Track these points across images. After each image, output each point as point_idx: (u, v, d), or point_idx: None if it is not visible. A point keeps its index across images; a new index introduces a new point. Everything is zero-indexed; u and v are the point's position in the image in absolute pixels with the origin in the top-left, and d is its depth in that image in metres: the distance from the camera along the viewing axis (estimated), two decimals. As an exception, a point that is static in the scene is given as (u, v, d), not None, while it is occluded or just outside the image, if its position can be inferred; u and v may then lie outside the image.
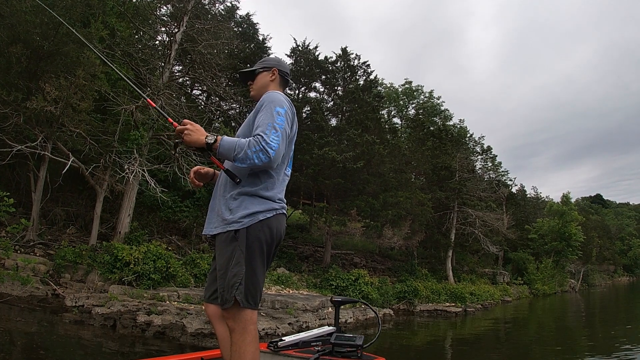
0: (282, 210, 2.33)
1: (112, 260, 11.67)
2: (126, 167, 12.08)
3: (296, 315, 12.17)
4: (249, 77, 2.68)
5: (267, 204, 2.25)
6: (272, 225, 2.24)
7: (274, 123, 2.17)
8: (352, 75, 22.77)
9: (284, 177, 2.43)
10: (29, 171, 13.77)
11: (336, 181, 17.96)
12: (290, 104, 2.38)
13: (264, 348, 2.91)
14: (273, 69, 2.63)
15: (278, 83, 2.65)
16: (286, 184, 2.47)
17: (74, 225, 15.52)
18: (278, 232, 2.29)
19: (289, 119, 2.30)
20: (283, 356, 2.84)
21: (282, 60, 2.79)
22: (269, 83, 2.61)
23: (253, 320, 2.19)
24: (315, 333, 3.24)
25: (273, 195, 2.29)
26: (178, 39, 14.96)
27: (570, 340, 14.65)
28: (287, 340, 2.99)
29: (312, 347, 3.05)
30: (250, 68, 2.70)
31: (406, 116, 39.49)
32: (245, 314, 2.16)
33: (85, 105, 11.36)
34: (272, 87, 2.59)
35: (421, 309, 19.86)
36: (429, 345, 13.22)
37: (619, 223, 79.59)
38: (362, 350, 2.93)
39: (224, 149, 2.15)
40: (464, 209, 26.63)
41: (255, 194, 2.25)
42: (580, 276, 43.80)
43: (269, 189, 2.28)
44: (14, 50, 10.97)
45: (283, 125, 2.21)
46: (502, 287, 29.46)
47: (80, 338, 8.79)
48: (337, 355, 2.90)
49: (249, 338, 2.14)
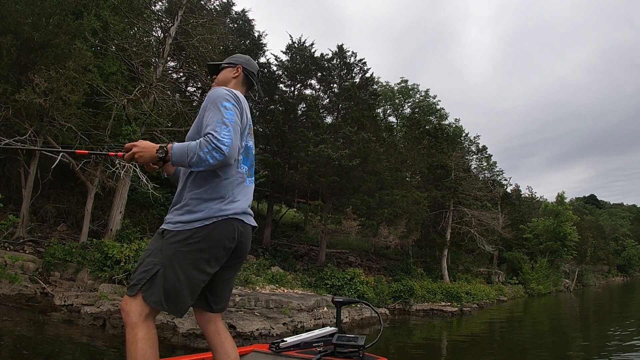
0: (231, 215, 2.14)
1: (103, 258, 11.41)
2: (117, 162, 11.82)
3: (291, 315, 11.95)
4: (214, 71, 2.60)
5: (209, 210, 2.10)
6: (213, 232, 2.08)
7: (222, 118, 2.06)
8: (348, 73, 22.54)
9: (238, 176, 2.24)
10: (19, 167, 13.51)
11: (331, 179, 17.76)
12: (236, 97, 2.23)
13: (266, 349, 2.89)
14: (238, 66, 2.54)
15: (240, 82, 2.54)
16: (244, 182, 2.29)
17: (65, 223, 15.28)
18: (221, 240, 2.11)
19: (237, 111, 2.17)
20: (285, 357, 2.80)
21: (252, 60, 2.65)
22: (230, 79, 2.51)
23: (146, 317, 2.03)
24: (317, 334, 3.22)
25: (219, 197, 2.14)
26: (172, 34, 14.70)
27: (566, 340, 14.52)
28: (289, 341, 2.97)
29: (314, 347, 3.02)
30: (217, 62, 2.63)
31: (402, 115, 39.33)
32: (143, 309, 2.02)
33: (76, 98, 11.06)
34: (232, 84, 2.49)
35: (417, 309, 19.70)
36: (428, 346, 13.04)
37: (613, 223, 79.93)
38: (364, 351, 2.90)
39: (176, 157, 2.05)
40: (460, 208, 26.56)
41: (198, 198, 2.12)
42: (574, 276, 43.91)
43: (215, 191, 2.14)
44: (3, 41, 10.66)
45: (233, 119, 2.09)
46: (497, 286, 29.42)
47: (67, 338, 8.53)
48: (339, 355, 2.87)
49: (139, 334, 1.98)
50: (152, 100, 13.71)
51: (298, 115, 20.95)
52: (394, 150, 21.23)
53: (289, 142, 18.63)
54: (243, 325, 10.06)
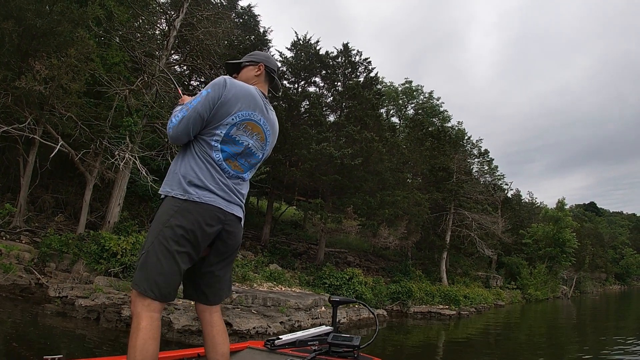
0: (194, 197, 2.10)
1: (99, 250, 11.23)
2: (116, 153, 11.63)
3: (288, 313, 11.78)
4: (234, 70, 2.57)
5: (180, 185, 2.13)
6: (183, 209, 2.07)
7: (190, 102, 2.16)
8: (352, 72, 22.38)
9: (211, 163, 2.18)
10: (18, 155, 13.33)
11: (333, 177, 17.61)
12: (222, 87, 2.19)
13: (261, 346, 2.88)
14: (260, 64, 2.51)
15: (263, 79, 2.52)
16: (217, 169, 2.20)
17: (63, 213, 15.14)
18: (189, 221, 2.06)
19: (208, 99, 2.16)
20: (279, 354, 2.78)
21: (272, 57, 2.65)
22: (253, 77, 2.49)
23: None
24: (312, 332, 3.21)
25: (185, 176, 2.14)
26: (177, 26, 14.53)
27: (561, 349, 14.37)
28: (284, 339, 2.95)
29: (309, 346, 3.01)
30: (237, 60, 2.58)
31: (405, 116, 39.11)
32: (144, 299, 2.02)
33: (77, 87, 10.86)
34: (255, 82, 2.47)
35: (415, 311, 19.54)
36: (424, 348, 12.90)
37: (612, 231, 79.85)
38: (359, 351, 2.89)
39: None
40: (461, 211, 26.40)
41: (172, 171, 2.21)
42: (573, 283, 43.75)
43: (185, 169, 2.17)
44: (5, 27, 10.46)
45: (194, 103, 2.14)
46: (495, 291, 29.28)
47: (60, 331, 8.37)
48: (333, 355, 2.85)
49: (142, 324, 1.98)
50: (155, 92, 13.54)
51: (301, 112, 20.79)
52: (397, 151, 21.08)
53: (291, 139, 18.46)
54: (240, 323, 9.91)
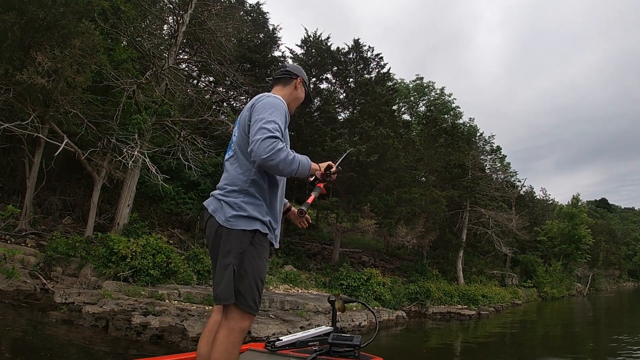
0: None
1: (108, 253, 10.63)
2: (125, 151, 11.05)
3: (308, 317, 11.16)
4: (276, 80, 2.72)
5: None
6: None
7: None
8: (364, 67, 21.81)
9: None
10: (23, 157, 12.82)
11: (348, 175, 17.01)
12: None
13: (262, 348, 2.90)
14: (298, 79, 2.68)
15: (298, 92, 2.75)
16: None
17: (71, 215, 14.69)
18: None
19: None
20: (280, 356, 2.80)
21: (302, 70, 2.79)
22: (291, 92, 2.71)
23: None
24: (312, 333, 3.21)
25: None
26: (186, 20, 13.97)
27: (584, 347, 13.75)
28: (284, 340, 2.96)
29: (310, 346, 3.01)
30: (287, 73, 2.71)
31: (417, 113, 38.43)
32: None
33: (82, 80, 10.24)
34: (291, 95, 2.73)
35: (433, 311, 18.93)
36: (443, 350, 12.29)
37: (624, 228, 78.91)
38: (360, 350, 2.91)
39: None
40: (477, 209, 25.75)
41: None
42: (588, 280, 43.04)
43: None
44: (6, 18, 9.91)
45: None
46: (511, 289, 28.69)
47: (66, 341, 7.77)
48: (334, 355, 2.87)
49: None
50: (164, 87, 12.98)
51: (313, 110, 20.24)
52: (411, 148, 20.51)
53: (304, 137, 17.91)
54: (258, 330, 9.30)
